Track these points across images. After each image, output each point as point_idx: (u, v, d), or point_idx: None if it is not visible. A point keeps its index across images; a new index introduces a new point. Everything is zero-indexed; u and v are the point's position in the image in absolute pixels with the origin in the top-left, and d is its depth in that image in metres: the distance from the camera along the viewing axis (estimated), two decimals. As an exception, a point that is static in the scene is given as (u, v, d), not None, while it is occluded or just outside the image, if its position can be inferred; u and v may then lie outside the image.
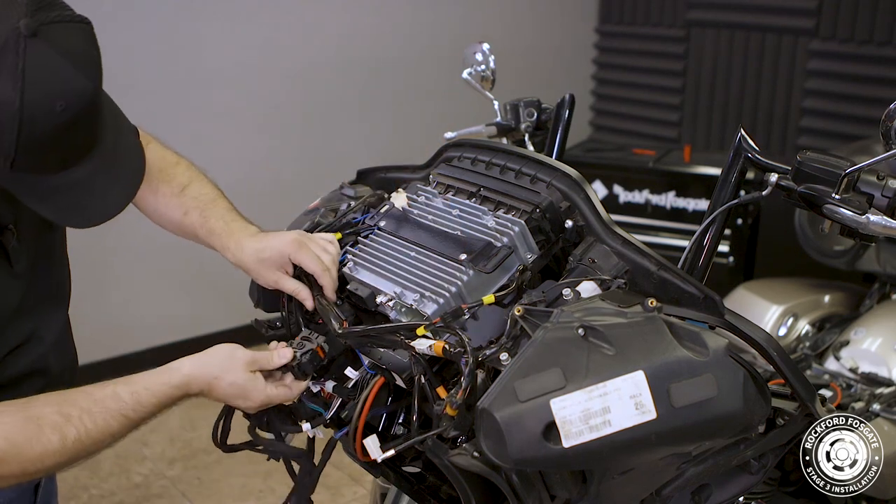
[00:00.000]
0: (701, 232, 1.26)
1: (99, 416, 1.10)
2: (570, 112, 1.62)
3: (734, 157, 1.25)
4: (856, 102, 3.70)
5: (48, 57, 0.96)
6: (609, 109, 4.70)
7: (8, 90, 0.94)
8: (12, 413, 1.06)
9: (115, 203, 1.12)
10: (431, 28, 4.05)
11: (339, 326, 1.21)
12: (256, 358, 1.21)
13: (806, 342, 2.17)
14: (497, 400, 0.95)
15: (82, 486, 2.85)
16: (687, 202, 3.31)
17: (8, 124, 0.94)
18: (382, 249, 1.31)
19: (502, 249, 1.20)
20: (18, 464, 1.05)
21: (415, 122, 3.99)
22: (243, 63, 3.56)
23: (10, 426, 1.05)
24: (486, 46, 1.73)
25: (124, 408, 1.12)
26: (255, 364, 1.20)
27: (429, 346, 1.08)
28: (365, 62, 3.88)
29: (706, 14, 4.18)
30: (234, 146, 3.53)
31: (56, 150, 1.01)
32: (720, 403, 0.95)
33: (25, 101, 0.94)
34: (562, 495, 1.07)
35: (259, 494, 2.82)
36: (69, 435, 1.07)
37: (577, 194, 1.24)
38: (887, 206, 1.07)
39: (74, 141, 1.03)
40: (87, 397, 1.11)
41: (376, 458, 1.13)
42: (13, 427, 1.05)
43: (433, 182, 1.41)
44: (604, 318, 1.00)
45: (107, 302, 3.43)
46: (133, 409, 1.13)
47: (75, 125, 1.00)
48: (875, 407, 1.79)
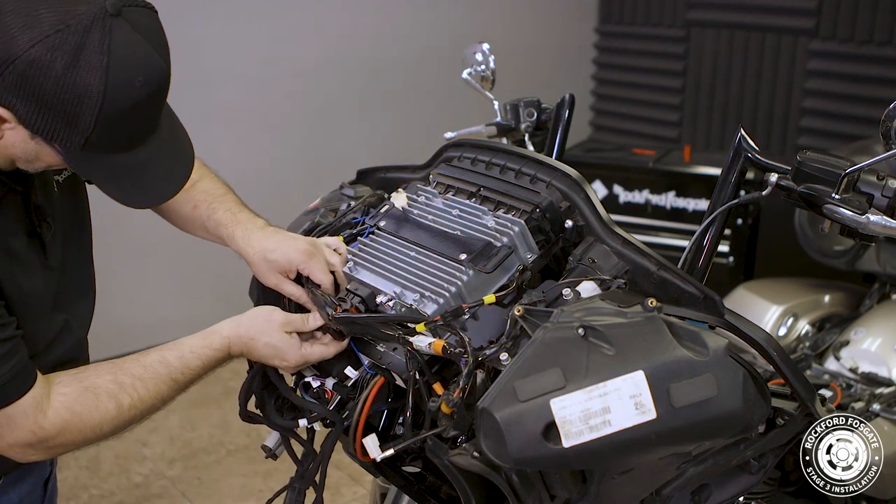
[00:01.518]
0: (701, 232, 1.26)
1: (150, 381, 1.17)
2: (570, 112, 1.62)
3: (734, 157, 1.25)
4: (856, 102, 3.70)
5: (130, 36, 1.02)
6: (609, 109, 4.70)
7: (95, 65, 0.99)
8: (70, 384, 1.14)
9: (173, 184, 1.16)
10: (431, 28, 4.05)
11: (333, 311, 1.21)
12: (291, 320, 1.25)
13: (806, 342, 2.18)
14: (497, 400, 0.95)
15: (82, 486, 2.85)
16: (687, 202, 3.31)
17: (92, 98, 0.99)
18: (382, 249, 1.31)
19: (502, 249, 1.20)
20: (80, 431, 1.13)
21: (415, 122, 3.99)
22: (243, 63, 3.56)
23: (71, 397, 1.12)
24: (486, 46, 1.73)
25: (173, 371, 1.19)
26: (290, 325, 1.25)
27: (428, 344, 1.08)
28: (365, 62, 3.88)
29: (706, 14, 4.18)
30: (234, 146, 3.53)
31: (128, 128, 1.06)
32: (720, 403, 0.95)
33: (110, 77, 0.99)
34: (562, 495, 1.07)
35: (259, 494, 2.82)
36: (124, 402, 1.15)
37: (577, 194, 1.24)
38: (887, 206, 1.07)
39: (143, 120, 1.08)
40: (138, 364, 1.18)
41: (375, 458, 1.13)
42: (73, 398, 1.12)
43: (433, 182, 1.41)
44: (604, 318, 1.00)
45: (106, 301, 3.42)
46: (181, 372, 1.20)
47: (147, 103, 1.06)
48: (875, 407, 1.79)
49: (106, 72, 0.99)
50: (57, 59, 0.97)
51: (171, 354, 1.20)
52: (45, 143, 1.05)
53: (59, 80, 0.98)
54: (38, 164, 1.10)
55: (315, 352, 1.24)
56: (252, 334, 1.23)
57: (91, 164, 1.09)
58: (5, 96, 0.99)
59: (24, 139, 1.05)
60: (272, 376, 1.30)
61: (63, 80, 0.98)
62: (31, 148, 1.06)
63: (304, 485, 1.30)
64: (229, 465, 2.96)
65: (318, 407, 1.25)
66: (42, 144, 1.05)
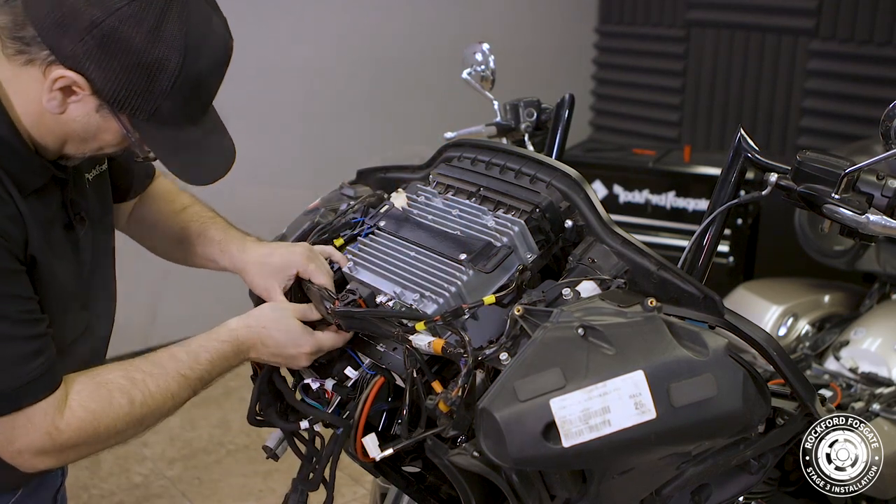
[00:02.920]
0: (701, 232, 1.26)
1: (160, 377, 1.14)
2: (569, 112, 1.62)
3: (734, 157, 1.25)
4: (856, 102, 3.70)
5: (203, 7, 1.07)
6: (609, 109, 4.70)
7: (176, 33, 1.03)
8: (84, 382, 1.11)
9: (225, 163, 1.17)
10: (431, 28, 4.05)
11: (331, 305, 1.21)
12: (299, 307, 1.25)
13: (806, 342, 2.18)
14: (497, 400, 0.95)
15: (82, 485, 2.85)
16: (687, 202, 3.31)
17: (172, 65, 1.03)
18: (382, 249, 1.31)
19: (502, 249, 1.20)
20: (94, 432, 1.08)
21: (415, 122, 3.99)
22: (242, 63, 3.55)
23: (85, 394, 1.09)
24: (486, 46, 1.73)
25: (181, 367, 1.16)
26: (300, 312, 1.24)
27: (428, 343, 1.08)
28: (365, 62, 3.88)
29: (706, 14, 4.19)
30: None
31: (195, 99, 1.09)
32: (720, 403, 0.95)
33: (189, 45, 1.04)
34: (562, 495, 1.07)
35: (259, 494, 2.82)
36: (136, 398, 1.11)
37: (576, 194, 1.24)
38: (887, 205, 1.07)
39: (208, 92, 1.12)
40: (146, 361, 1.16)
41: (375, 458, 1.13)
42: (87, 395, 1.09)
43: (433, 182, 1.41)
44: (604, 318, 1.00)
45: (107, 302, 3.43)
46: (189, 367, 1.16)
47: (211, 76, 1.10)
48: (875, 407, 1.79)
49: (185, 40, 1.03)
50: (142, 25, 1.00)
51: (180, 350, 1.18)
52: (110, 115, 1.06)
53: (140, 47, 1.00)
54: (91, 145, 1.10)
55: (328, 338, 1.23)
56: (264, 323, 1.22)
57: (155, 137, 1.10)
58: (83, 62, 1.00)
59: (88, 112, 1.05)
60: (277, 382, 1.30)
61: (145, 47, 1.00)
62: (92, 122, 1.07)
63: (307, 486, 1.30)
64: (229, 465, 2.96)
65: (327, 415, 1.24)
66: (107, 117, 1.06)
